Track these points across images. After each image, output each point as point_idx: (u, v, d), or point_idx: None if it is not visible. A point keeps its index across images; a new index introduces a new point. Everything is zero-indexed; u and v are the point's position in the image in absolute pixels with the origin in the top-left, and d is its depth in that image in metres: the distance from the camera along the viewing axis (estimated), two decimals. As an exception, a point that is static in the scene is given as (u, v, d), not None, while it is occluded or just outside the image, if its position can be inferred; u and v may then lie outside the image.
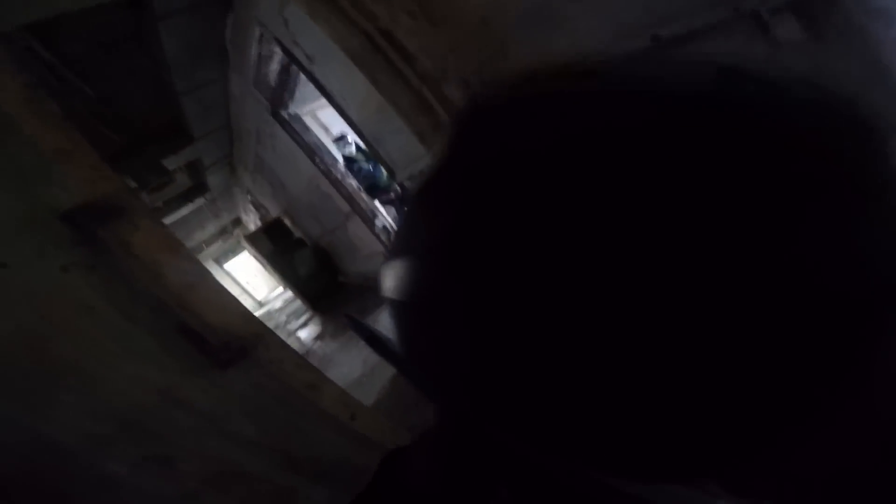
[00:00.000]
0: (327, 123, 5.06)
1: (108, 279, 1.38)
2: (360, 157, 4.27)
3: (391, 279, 0.31)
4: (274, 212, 7.32)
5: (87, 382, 1.52)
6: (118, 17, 2.36)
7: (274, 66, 3.22)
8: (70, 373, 1.49)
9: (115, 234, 1.30)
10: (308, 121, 4.50)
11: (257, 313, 10.99)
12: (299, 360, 1.63)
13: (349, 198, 4.42)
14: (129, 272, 1.35)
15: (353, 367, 3.78)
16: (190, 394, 1.57)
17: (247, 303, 11.64)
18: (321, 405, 1.65)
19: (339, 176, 4.37)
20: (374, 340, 0.35)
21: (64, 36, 2.40)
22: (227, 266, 11.72)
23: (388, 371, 3.14)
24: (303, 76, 3.07)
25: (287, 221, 7.07)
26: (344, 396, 1.68)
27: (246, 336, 1.47)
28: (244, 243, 7.95)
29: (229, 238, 10.51)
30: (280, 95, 3.55)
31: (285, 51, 2.81)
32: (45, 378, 1.48)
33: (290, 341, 8.96)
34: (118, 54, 2.74)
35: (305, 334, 6.45)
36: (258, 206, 7.91)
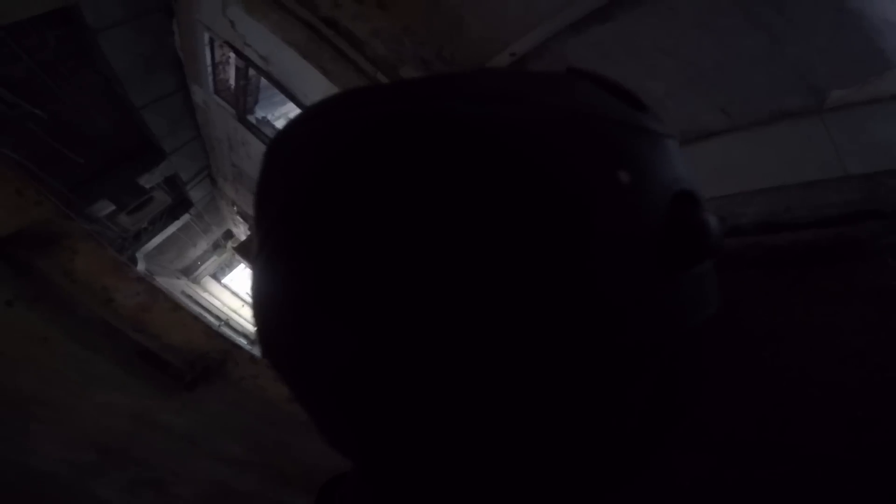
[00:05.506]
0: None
1: (57, 309, 1.31)
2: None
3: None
4: (261, 220, 7.18)
5: (56, 412, 1.47)
6: (54, 36, 2.27)
7: (231, 71, 3.12)
8: (35, 404, 1.44)
9: (54, 262, 1.23)
10: (280, 124, 4.39)
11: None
12: (274, 373, 1.56)
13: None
14: (77, 300, 1.28)
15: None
16: (164, 417, 1.52)
17: (249, 313, 11.65)
18: (304, 418, 1.60)
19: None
20: None
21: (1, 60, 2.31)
22: (226, 280, 11.63)
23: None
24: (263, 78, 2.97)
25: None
26: (326, 403, 1.63)
27: (210, 353, 1.41)
28: (236, 255, 7.86)
29: (223, 252, 10.41)
30: (243, 100, 3.45)
31: (238, 54, 2.70)
32: (12, 410, 1.43)
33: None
34: (63, 73, 2.64)
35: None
36: (245, 217, 7.80)
